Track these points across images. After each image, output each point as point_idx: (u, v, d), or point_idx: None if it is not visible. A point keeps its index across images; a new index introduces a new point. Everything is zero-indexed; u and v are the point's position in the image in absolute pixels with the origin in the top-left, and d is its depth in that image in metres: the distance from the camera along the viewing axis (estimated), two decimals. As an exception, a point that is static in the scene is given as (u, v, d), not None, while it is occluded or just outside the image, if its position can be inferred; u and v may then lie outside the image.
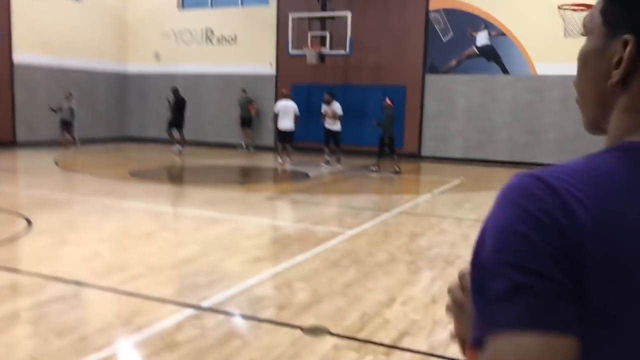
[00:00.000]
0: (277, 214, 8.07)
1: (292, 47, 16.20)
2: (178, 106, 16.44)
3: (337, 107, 13.85)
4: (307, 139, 17.70)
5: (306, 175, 12.07)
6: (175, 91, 16.60)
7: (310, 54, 15.53)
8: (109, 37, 19.85)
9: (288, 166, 13.52)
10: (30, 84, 16.77)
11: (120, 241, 5.96)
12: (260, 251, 5.74)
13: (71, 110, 15.98)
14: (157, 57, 20.28)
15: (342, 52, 15.67)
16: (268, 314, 4.03)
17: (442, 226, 7.22)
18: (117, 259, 5.30)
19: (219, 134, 19.35)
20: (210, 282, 4.71)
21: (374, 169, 12.74)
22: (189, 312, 4.04)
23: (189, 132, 19.84)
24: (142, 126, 20.74)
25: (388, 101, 12.87)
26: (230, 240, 6.18)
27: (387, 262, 5.45)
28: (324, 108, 13.97)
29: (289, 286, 4.66)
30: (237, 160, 15.12)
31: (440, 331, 3.81)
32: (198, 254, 5.57)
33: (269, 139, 18.48)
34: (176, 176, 11.74)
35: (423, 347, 3.56)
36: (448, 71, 16.22)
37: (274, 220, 7.52)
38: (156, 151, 16.96)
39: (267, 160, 15.32)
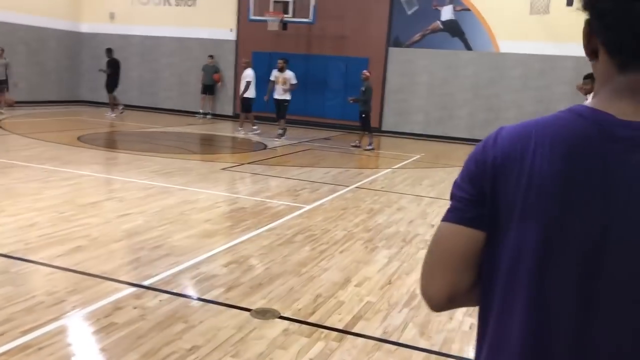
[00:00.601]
0: (231, 186, 7.76)
1: (254, 12, 15.65)
2: (113, 68, 15.92)
3: (290, 75, 13.04)
4: (267, 109, 17.29)
5: (264, 147, 11.75)
6: (108, 51, 16.06)
7: (272, 20, 15.03)
8: (60, -7, 18.78)
9: (248, 135, 13.15)
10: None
11: (61, 211, 5.58)
12: (211, 225, 5.47)
13: (5, 69, 14.54)
14: (112, 16, 19.34)
15: (305, 19, 15.22)
16: (215, 294, 3.79)
17: (401, 203, 7.07)
18: (56, 231, 4.93)
19: (175, 101, 18.72)
20: (154, 258, 4.42)
21: (372, 146, 12.23)
22: (129, 290, 3.76)
23: (144, 97, 19.15)
24: (95, 89, 19.80)
25: (366, 73, 12.55)
26: (179, 212, 5.87)
27: (344, 240, 5.26)
28: (275, 74, 13.18)
29: (240, 264, 4.42)
30: (193, 128, 14.64)
31: (395, 315, 3.65)
32: (144, 227, 5.26)
33: (228, 108, 17.99)
34: (127, 143, 11.24)
35: (377, 333, 3.39)
36: (411, 45, 16.02)
37: (227, 192, 7.22)
38: (110, 116, 16.25)
39: (225, 130, 14.89)
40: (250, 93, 13.64)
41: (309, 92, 17.05)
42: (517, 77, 15.14)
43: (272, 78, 13.30)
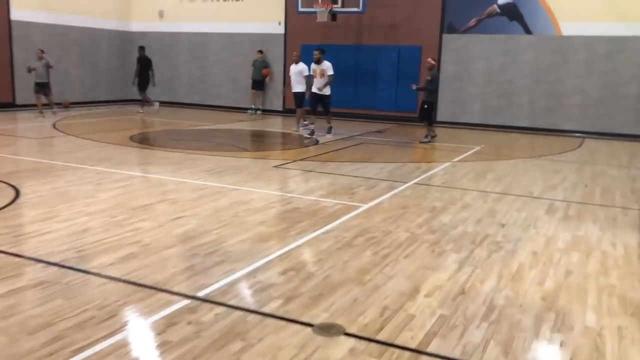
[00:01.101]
0: (284, 184, 7.50)
1: (302, 5, 15.35)
2: (142, 66, 15.98)
3: (327, 66, 11.84)
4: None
5: (316, 142, 11.45)
6: (140, 49, 16.11)
7: (321, 12, 14.68)
8: (111, -7, 19.02)
9: (301, 131, 12.83)
10: (29, 43, 16.06)
11: (114, 215, 5.43)
12: (266, 228, 5.20)
13: (46, 70, 14.12)
14: (161, 14, 19.45)
15: (355, 9, 14.80)
16: (274, 306, 3.50)
17: (466, 200, 6.62)
18: (108, 237, 4.77)
19: (226, 97, 18.67)
20: (209, 265, 4.18)
21: (426, 139, 11.70)
22: (183, 303, 3.52)
23: (194, 95, 19.20)
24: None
25: (431, 61, 11.93)
26: (233, 214, 5.63)
27: (408, 243, 4.89)
28: (313, 67, 12.13)
29: (298, 271, 4.12)
30: (244, 124, 14.50)
31: (473, 332, 3.26)
32: (197, 230, 5.03)
33: (277, 103, 17.80)
34: (178, 142, 11.16)
35: (456, 353, 3.02)
36: (467, 31, 15.35)
37: (281, 191, 6.95)
38: (159, 114, 16.34)
39: (276, 125, 14.68)
40: (300, 87, 13.13)
41: (360, 84, 16.65)
42: (581, 61, 14.27)
43: (309, 71, 12.47)
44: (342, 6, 14.93)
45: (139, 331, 3.19)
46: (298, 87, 13.04)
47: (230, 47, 18.45)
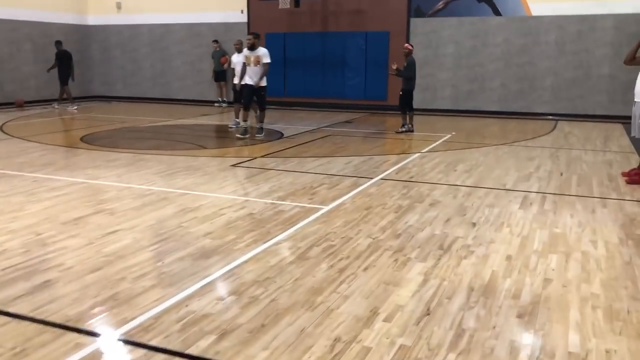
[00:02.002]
0: (240, 186, 6.92)
1: (263, -9, 14.70)
2: (62, 61, 15.15)
3: (263, 53, 9.98)
4: (285, 94, 16.40)
5: (280, 135, 10.88)
6: (57, 44, 15.32)
7: (282, -2, 14.05)
8: (64, -15, 18.07)
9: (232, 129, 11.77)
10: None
11: (39, 232, 4.81)
12: (210, 241, 4.63)
13: None
14: (119, 6, 18.58)
15: (318, -5, 14.19)
16: (204, 346, 2.94)
17: (434, 196, 6.13)
18: (25, 260, 4.16)
19: (189, 90, 17.94)
20: (136, 292, 3.61)
21: (404, 129, 11.07)
22: (93, 347, 2.95)
23: (156, 88, 18.43)
24: (107, 83, 19.22)
25: (409, 46, 11.19)
26: (176, 225, 5.05)
27: (368, 252, 4.37)
28: (246, 54, 10.12)
29: (240, 295, 3.57)
30: (207, 119, 13.84)
31: (439, 367, 2.76)
32: (131, 247, 4.45)
33: (243, 94, 17.12)
34: (133, 141, 10.49)
35: (416, 399, 2.51)
36: (435, 14, 14.85)
37: (235, 194, 6.38)
38: (120, 111, 15.58)
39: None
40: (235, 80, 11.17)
41: (328, 72, 16.08)
42: (552, 42, 13.89)
43: (241, 59, 10.38)
44: (305, -9, 14.30)
45: (34, 388, 2.62)
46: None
47: (192, 38, 17.71)
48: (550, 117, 13.88)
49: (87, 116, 14.25)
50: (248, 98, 10.20)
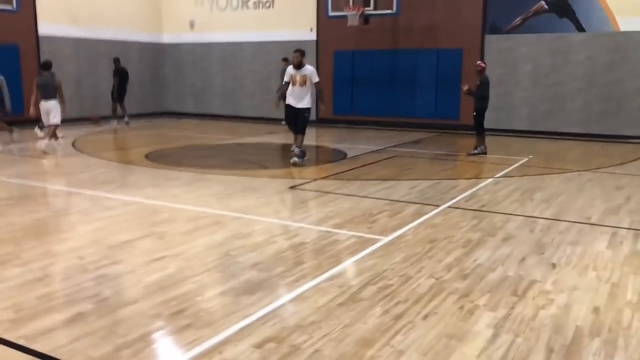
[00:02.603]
0: (295, 210, 6.57)
1: (332, 8, 14.45)
2: (120, 78, 15.38)
3: (311, 72, 9.08)
4: (352, 112, 16.06)
5: (344, 156, 10.50)
6: (116, 61, 15.67)
7: (351, 15, 13.74)
8: (141, 5, 18.65)
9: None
10: (57, 57, 15.76)
11: (83, 256, 4.63)
12: (257, 273, 4.28)
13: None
14: (192, 25, 18.96)
15: (388, 11, 13.80)
16: (232, 405, 2.56)
17: (508, 229, 5.52)
18: (63, 288, 3.96)
19: (258, 108, 17.94)
20: (169, 332, 3.29)
21: (477, 151, 10.41)
22: (114, 397, 2.63)
23: (227, 106, 18.58)
24: (179, 100, 19.60)
25: (482, 63, 10.49)
26: (224, 253, 4.74)
27: (430, 294, 3.87)
28: (291, 73, 9.13)
29: (280, 342, 3.17)
30: (272, 137, 13.69)
31: None
32: (174, 278, 4.16)
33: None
34: (197, 159, 10.42)
35: None
36: (511, 30, 14.09)
37: (289, 220, 6.03)
38: (190, 128, 15.75)
39: (306, 137, 13.77)
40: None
41: (397, 90, 15.61)
42: (643, 59, 12.80)
43: (286, 78, 9.27)
44: (375, 8, 13.95)
45: None
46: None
47: (262, 56, 17.74)
48: (640, 140, 12.76)
49: (157, 133, 14.45)
50: (294, 120, 9.27)
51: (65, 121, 13.38)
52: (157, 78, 19.28)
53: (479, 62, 10.68)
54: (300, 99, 9.12)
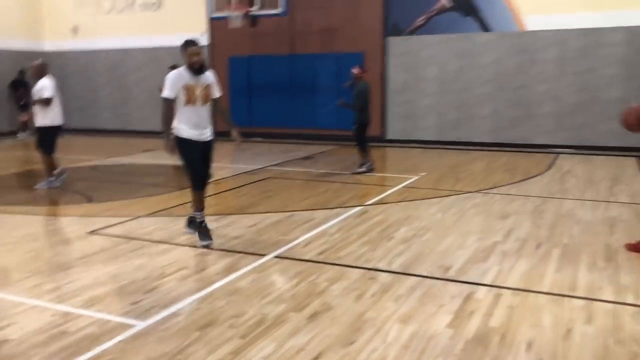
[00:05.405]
0: (54, 275, 4.90)
1: (215, 8, 12.86)
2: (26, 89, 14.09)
3: (213, 81, 5.32)
4: (251, 124, 14.47)
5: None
6: (21, 73, 14.86)
7: (234, 16, 12.18)
8: (18, 9, 16.54)
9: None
10: None
11: None
12: None
13: None
14: (75, 31, 16.98)
15: (273, 11, 12.32)
16: None
17: (329, 295, 4.01)
18: None
19: (147, 121, 16.11)
20: None
21: (363, 169, 9.11)
22: None
23: (116, 119, 16.71)
24: (64, 114, 17.48)
25: (358, 70, 9.17)
26: None
27: None
28: (186, 81, 5.07)
29: None
30: (145, 156, 11.94)
31: None
32: None
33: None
34: (13, 194, 8.59)
35: None
36: (415, 31, 12.86)
37: (25, 295, 4.37)
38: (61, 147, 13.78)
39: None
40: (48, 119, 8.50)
41: (296, 100, 14.15)
42: (551, 61, 11.80)
43: (172, 93, 5.09)
44: (261, 8, 12.43)
45: None
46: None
47: (152, 63, 15.95)
48: (551, 149, 11.70)
49: (24, 151, 12.48)
50: (203, 161, 5.50)
51: None
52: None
53: (353, 69, 9.29)
54: (206, 124, 5.35)
